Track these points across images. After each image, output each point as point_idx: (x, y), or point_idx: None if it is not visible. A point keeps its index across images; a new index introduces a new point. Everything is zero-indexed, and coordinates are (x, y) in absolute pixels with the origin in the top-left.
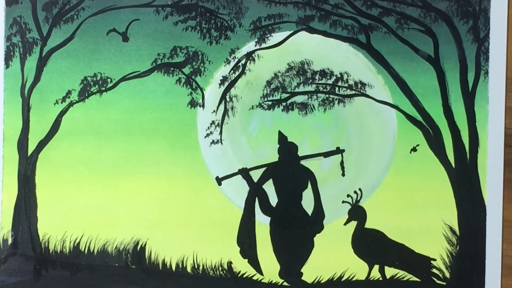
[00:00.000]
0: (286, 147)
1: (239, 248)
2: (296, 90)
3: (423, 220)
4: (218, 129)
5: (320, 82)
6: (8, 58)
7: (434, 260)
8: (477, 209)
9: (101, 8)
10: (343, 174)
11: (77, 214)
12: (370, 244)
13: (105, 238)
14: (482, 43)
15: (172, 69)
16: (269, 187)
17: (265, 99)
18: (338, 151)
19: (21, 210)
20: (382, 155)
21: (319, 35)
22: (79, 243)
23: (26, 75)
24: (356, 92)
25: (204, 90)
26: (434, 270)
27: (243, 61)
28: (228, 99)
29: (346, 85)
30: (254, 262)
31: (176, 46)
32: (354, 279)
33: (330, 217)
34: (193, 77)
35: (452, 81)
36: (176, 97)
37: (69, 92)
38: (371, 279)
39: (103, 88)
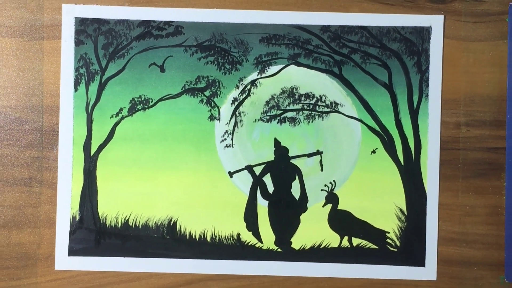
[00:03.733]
0: (280, 150)
1: (245, 224)
2: (287, 108)
3: (380, 204)
4: (230, 136)
5: (305, 102)
6: (76, 84)
7: (388, 233)
8: (419, 196)
9: (145, 48)
10: (321, 170)
11: (127, 198)
12: (342, 221)
13: (147, 215)
14: (424, 73)
15: (196, 92)
16: (267, 179)
17: (265, 115)
18: (318, 152)
19: (85, 196)
20: (350, 156)
21: (304, 67)
22: (128, 219)
23: (89, 96)
24: (332, 110)
25: (220, 108)
26: (388, 240)
27: (248, 87)
28: (237, 114)
29: (324, 104)
30: (256, 234)
31: (199, 75)
32: (329, 246)
33: (312, 201)
34: (212, 98)
35: (401, 101)
36: (199, 113)
37: (121, 109)
38: (342, 246)
39: (146, 106)
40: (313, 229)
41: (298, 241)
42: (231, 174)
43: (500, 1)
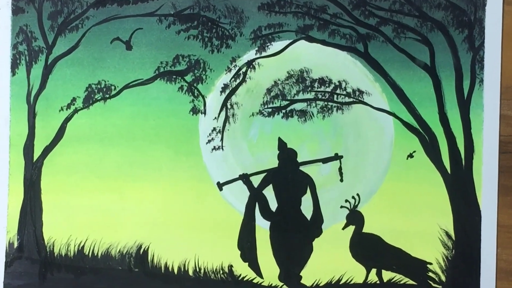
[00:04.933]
0: (286, 153)
1: (239, 252)
2: (296, 97)
3: (419, 225)
4: (219, 135)
5: (319, 89)
6: (14, 66)
7: (430, 264)
8: (472, 214)
9: (105, 17)
10: (341, 180)
11: (82, 218)
12: (368, 248)
13: (109, 241)
14: (477, 52)
15: (174, 77)
16: (269, 192)
17: (265, 106)
18: (337, 157)
19: (26, 214)
20: (379, 161)
21: (318, 44)
22: (83, 246)
23: (32, 82)
24: (354, 100)
25: (206, 97)
26: (430, 274)
27: (243, 69)
28: (229, 106)
29: (344, 92)
30: (254, 266)
31: (178, 54)
32: (352, 282)
33: (329, 221)
34: (194, 84)
35: (448, 89)
36: (178, 104)
37: (74, 99)
38: (369, 282)
39: (107, 95)
40: (331, 258)
41: (310, 275)
42: (220, 185)
43: None
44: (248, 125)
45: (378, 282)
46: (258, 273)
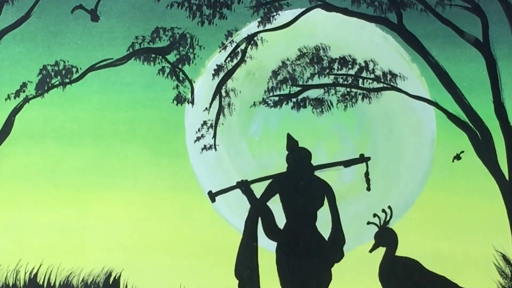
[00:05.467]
0: (297, 154)
1: (237, 281)
2: (310, 82)
3: (468, 246)
4: (211, 131)
5: (339, 72)
6: None
7: None
8: None
9: None
10: (368, 188)
11: (35, 237)
12: (403, 275)
13: (69, 268)
14: None
15: (153, 56)
16: (275, 205)
17: (270, 94)
18: (362, 159)
19: None
20: (417, 164)
21: (339, 13)
22: (36, 274)
23: None
24: (385, 85)
25: (194, 82)
26: None
27: (242, 46)
28: (224, 93)
29: (372, 76)
30: None
31: (158, 27)
32: None
33: (352, 242)
34: (179, 66)
35: (506, 71)
36: (158, 91)
37: (24, 85)
38: None
39: (67, 80)
40: None
41: None
42: (213, 196)
43: None
44: (248, 118)
45: None
46: None
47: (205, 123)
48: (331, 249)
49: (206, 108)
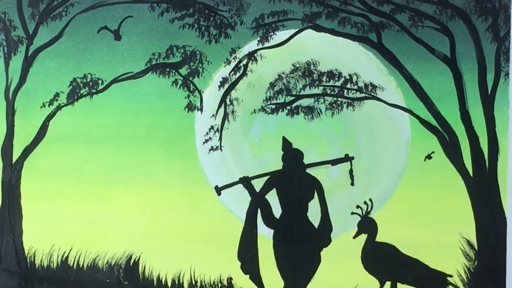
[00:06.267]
0: (291, 154)
1: (240, 263)
2: (302, 92)
3: (438, 233)
4: (218, 134)
5: (327, 84)
6: None
7: (451, 276)
8: (496, 222)
9: (92, 4)
10: (352, 184)
11: (66, 226)
12: (382, 259)
13: (96, 252)
14: (502, 43)
15: (168, 70)
16: (272, 198)
17: (268, 103)
18: (347, 158)
19: (5, 222)
20: (394, 163)
21: (327, 33)
22: (67, 257)
23: (10, 76)
24: (366, 95)
25: (203, 92)
26: (450, 287)
27: (244, 62)
28: (228, 102)
29: (355, 87)
30: (256, 278)
31: (172, 45)
32: None
33: (338, 230)
34: (190, 78)
35: (470, 83)
36: (172, 100)
37: (56, 95)
38: None
39: (94, 90)
40: (340, 270)
41: None
42: (219, 190)
43: None
44: (249, 123)
45: None
46: (260, 286)
47: (212, 127)
48: (320, 236)
49: (213, 115)
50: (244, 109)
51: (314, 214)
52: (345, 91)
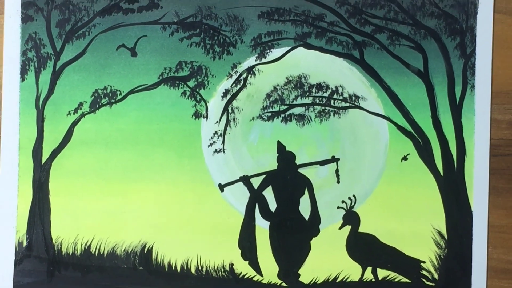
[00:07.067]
0: (285, 156)
1: (240, 251)
2: (294, 102)
3: (413, 225)
4: (221, 139)
5: (316, 95)
6: (23, 72)
7: (424, 262)
8: (464, 215)
9: (111, 25)
10: (338, 182)
11: (88, 218)
12: (364, 247)
13: (114, 241)
14: (468, 59)
15: (177, 82)
16: (268, 194)
17: (265, 111)
18: (333, 159)
19: (35, 215)
20: (374, 164)
21: (316, 50)
22: (89, 245)
23: (40, 88)
24: (350, 104)
25: (208, 102)
26: (424, 272)
27: (244, 75)
28: (230, 110)
29: (341, 97)
30: (254, 264)
31: (181, 60)
32: (348, 280)
33: (326, 221)
34: (197, 90)
35: (440, 94)
36: (181, 108)
37: (80, 104)
38: (364, 280)
39: (113, 100)
40: (328, 257)
41: (308, 273)
42: (222, 187)
43: None
44: (248, 129)
45: (373, 280)
46: (258, 271)
47: (216, 132)
48: (310, 227)
49: (216, 122)
50: (244, 117)
51: (304, 208)
52: (332, 101)
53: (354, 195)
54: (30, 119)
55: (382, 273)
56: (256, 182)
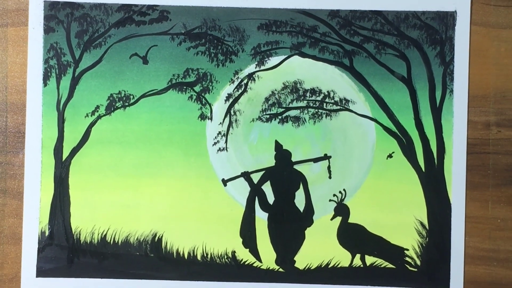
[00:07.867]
0: (282, 154)
1: (241, 240)
2: (290, 105)
3: (397, 216)
4: (224, 138)
5: (310, 98)
6: (46, 78)
7: (407, 250)
8: (443, 207)
9: (125, 36)
10: (329, 177)
11: (104, 210)
12: (353, 236)
13: (128, 230)
14: (448, 66)
15: (185, 87)
16: (267, 188)
17: (264, 113)
18: (326, 157)
19: (56, 207)
20: (363, 161)
21: (310, 58)
22: (105, 235)
23: (61, 92)
24: (341, 107)
25: (212, 105)
26: (407, 259)
27: (245, 81)
28: (232, 113)
29: (332, 101)
30: (254, 252)
31: (188, 68)
32: (339, 266)
33: (319, 213)
34: (202, 94)
35: (422, 98)
36: (188, 111)
37: (97, 107)
38: (354, 266)
39: (126, 104)
40: (320, 245)
41: (303, 259)
42: (225, 182)
43: None
44: (249, 129)
45: (361, 265)
46: (258, 258)
47: (219, 133)
48: (304, 218)
49: (220, 123)
50: (244, 119)
51: (299, 201)
52: (324, 104)
53: (344, 189)
54: (52, 120)
55: (369, 259)
56: (255, 178)
